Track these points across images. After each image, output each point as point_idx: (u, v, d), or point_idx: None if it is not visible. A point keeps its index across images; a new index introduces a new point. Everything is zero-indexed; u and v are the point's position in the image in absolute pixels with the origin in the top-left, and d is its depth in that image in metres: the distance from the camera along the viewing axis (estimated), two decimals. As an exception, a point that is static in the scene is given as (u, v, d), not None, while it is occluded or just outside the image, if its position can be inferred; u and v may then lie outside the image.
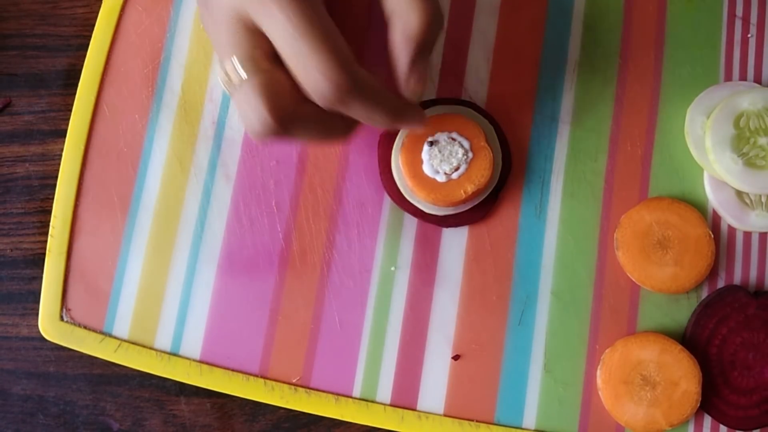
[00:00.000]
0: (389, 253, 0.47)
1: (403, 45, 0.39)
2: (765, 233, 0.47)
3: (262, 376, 0.46)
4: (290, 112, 0.37)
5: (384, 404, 0.45)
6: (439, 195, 0.45)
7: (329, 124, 0.39)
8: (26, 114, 0.50)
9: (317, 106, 0.37)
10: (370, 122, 0.39)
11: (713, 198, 0.47)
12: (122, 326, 0.46)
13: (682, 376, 0.44)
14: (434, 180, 0.45)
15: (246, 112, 0.37)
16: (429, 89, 0.48)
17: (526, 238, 0.47)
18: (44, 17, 0.50)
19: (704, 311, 0.46)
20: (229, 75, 0.37)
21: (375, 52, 0.43)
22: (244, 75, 0.37)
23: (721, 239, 0.47)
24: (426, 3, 0.38)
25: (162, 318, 0.46)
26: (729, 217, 0.47)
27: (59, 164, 0.47)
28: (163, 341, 0.46)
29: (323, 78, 0.36)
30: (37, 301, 0.47)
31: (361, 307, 0.46)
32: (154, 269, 0.47)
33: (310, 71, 0.36)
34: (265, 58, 0.37)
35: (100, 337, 0.46)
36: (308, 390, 0.46)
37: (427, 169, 0.45)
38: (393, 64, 0.39)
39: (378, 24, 0.40)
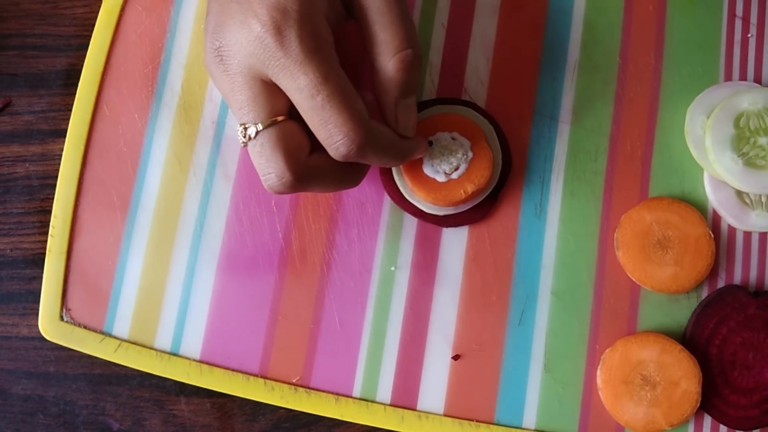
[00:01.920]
0: (389, 253, 0.47)
1: (384, 89, 0.40)
2: (765, 233, 0.47)
3: (262, 376, 0.46)
4: (307, 166, 0.39)
5: (384, 404, 0.45)
6: (439, 195, 0.45)
7: (341, 173, 0.41)
8: (26, 114, 0.50)
9: (330, 156, 0.39)
10: (382, 165, 0.41)
11: (713, 198, 0.47)
12: (122, 326, 0.46)
13: (682, 376, 0.44)
14: (434, 180, 0.45)
15: (264, 167, 0.38)
16: (429, 89, 0.48)
17: (526, 238, 0.47)
18: (44, 17, 0.50)
19: (704, 311, 0.46)
20: (247, 129, 0.38)
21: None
22: (260, 129, 0.38)
23: (721, 239, 0.47)
24: (403, 52, 0.39)
25: (162, 318, 0.46)
26: (729, 217, 0.47)
27: (59, 164, 0.47)
28: (163, 341, 0.46)
29: (343, 137, 0.37)
30: (37, 301, 0.47)
31: (361, 307, 0.46)
32: (154, 269, 0.47)
33: (331, 131, 0.37)
34: (281, 112, 0.39)
35: (100, 337, 0.46)
36: (308, 390, 0.46)
37: (427, 169, 0.45)
38: (380, 105, 0.41)
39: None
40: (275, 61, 0.37)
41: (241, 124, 0.39)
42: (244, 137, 0.38)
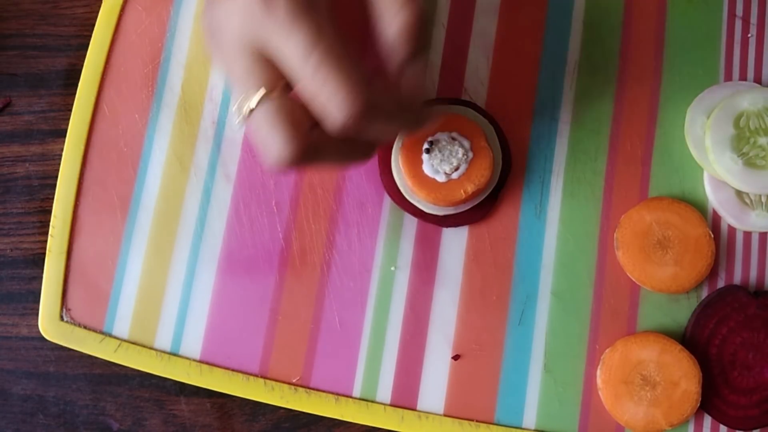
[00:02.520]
0: (389, 253, 0.47)
1: (389, 50, 0.38)
2: (765, 233, 0.47)
3: (262, 376, 0.46)
4: (311, 139, 0.36)
5: (384, 404, 0.45)
6: (439, 195, 0.45)
7: (349, 148, 0.38)
8: (26, 114, 0.50)
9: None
10: (386, 136, 0.38)
11: (713, 198, 0.47)
12: (122, 326, 0.46)
13: (682, 376, 0.44)
14: (434, 180, 0.45)
15: (265, 141, 0.36)
16: (429, 89, 0.48)
17: (526, 238, 0.47)
18: (44, 17, 0.50)
19: (704, 311, 0.46)
20: (244, 104, 0.36)
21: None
22: (258, 101, 0.36)
23: (721, 239, 0.47)
24: (407, 9, 0.37)
25: (162, 318, 0.46)
26: (729, 217, 0.47)
27: (59, 164, 0.47)
28: (163, 341, 0.46)
29: (341, 100, 0.34)
30: (37, 301, 0.47)
31: (361, 307, 0.46)
32: (154, 269, 0.47)
33: (329, 94, 0.34)
34: (278, 85, 0.36)
35: (100, 337, 0.46)
36: (308, 390, 0.46)
37: (427, 169, 0.45)
38: (389, 65, 0.39)
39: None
40: (264, 27, 0.35)
41: (236, 101, 0.36)
42: (242, 113, 0.36)
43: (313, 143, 0.36)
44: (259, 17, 0.35)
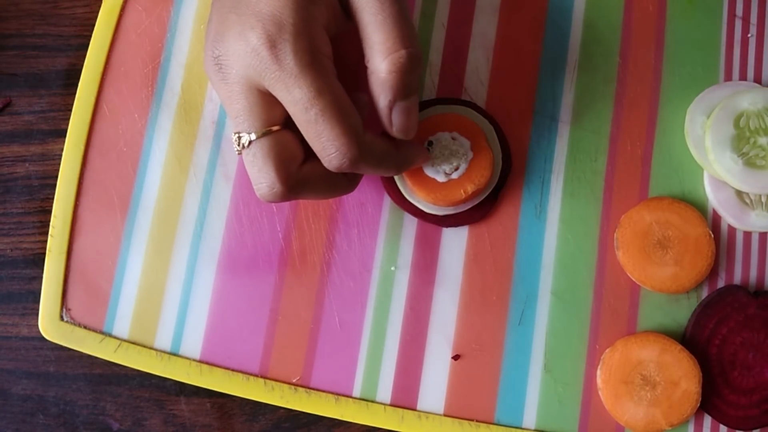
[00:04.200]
0: (389, 253, 0.47)
1: (376, 92, 0.39)
2: (765, 233, 0.47)
3: (262, 376, 0.46)
4: (298, 177, 0.39)
5: (384, 404, 0.45)
6: (439, 195, 0.45)
7: (334, 182, 0.41)
8: (26, 114, 0.50)
9: (323, 165, 0.39)
10: (380, 174, 0.42)
11: (713, 198, 0.47)
12: (122, 326, 0.46)
13: (682, 376, 0.44)
14: (434, 180, 0.45)
15: (256, 176, 0.39)
16: (429, 89, 0.48)
17: (526, 238, 0.47)
18: (44, 17, 0.50)
19: (704, 311, 0.46)
20: (241, 137, 0.38)
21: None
22: (254, 138, 0.38)
23: (721, 239, 0.47)
24: (396, 53, 0.38)
25: (162, 318, 0.46)
26: (729, 217, 0.47)
27: (59, 164, 0.47)
28: (163, 341, 0.46)
29: (336, 150, 0.38)
30: (37, 301, 0.47)
31: (361, 307, 0.46)
32: (154, 269, 0.47)
33: (324, 144, 0.38)
34: (276, 122, 0.39)
35: (100, 337, 0.46)
36: (308, 390, 0.46)
37: (427, 169, 0.45)
38: (376, 109, 0.40)
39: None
40: (270, 73, 0.37)
41: (235, 133, 0.39)
42: (239, 145, 0.39)
43: (301, 179, 0.39)
44: (267, 63, 0.37)
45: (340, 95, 0.38)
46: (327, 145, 0.38)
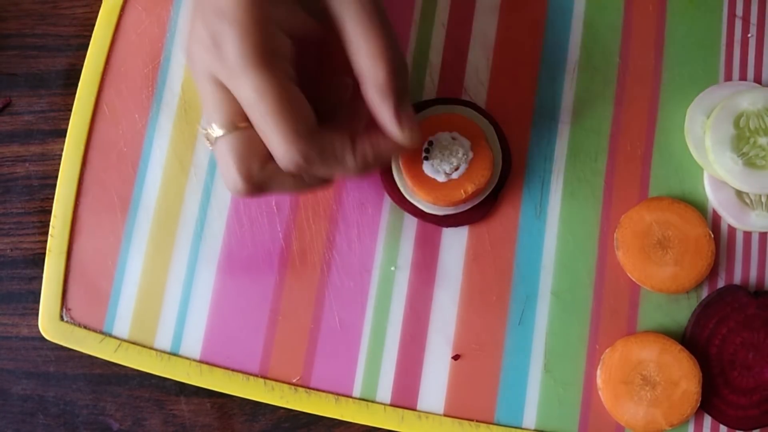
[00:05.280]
0: (389, 253, 0.47)
1: (379, 98, 0.39)
2: (765, 233, 0.47)
3: (262, 376, 0.46)
4: (260, 174, 0.38)
5: (384, 404, 0.45)
6: (439, 195, 0.45)
7: (302, 180, 0.40)
8: (26, 114, 0.50)
9: None
10: (342, 176, 0.40)
11: (713, 198, 0.47)
12: (122, 326, 0.46)
13: (682, 376, 0.44)
14: (434, 180, 0.45)
15: (222, 172, 0.39)
16: (429, 89, 0.48)
17: (526, 238, 0.47)
18: (44, 17, 0.50)
19: (704, 311, 0.46)
20: (209, 133, 0.38)
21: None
22: (220, 134, 0.38)
23: (721, 239, 0.47)
24: (385, 54, 0.38)
25: (162, 318, 0.46)
26: (729, 217, 0.47)
27: (59, 164, 0.47)
28: (163, 341, 0.46)
29: (284, 152, 0.37)
30: (37, 301, 0.47)
31: (361, 307, 0.46)
32: (154, 269, 0.47)
33: (272, 145, 0.37)
34: (241, 117, 0.38)
35: (100, 337, 0.46)
36: (308, 390, 0.46)
37: (427, 169, 0.45)
38: (379, 120, 0.40)
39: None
40: (219, 70, 0.37)
41: (203, 128, 0.39)
42: (208, 141, 0.39)
43: (267, 177, 0.39)
44: (214, 59, 0.37)
45: (288, 96, 0.37)
46: (274, 147, 0.37)
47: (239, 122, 0.38)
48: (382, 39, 0.38)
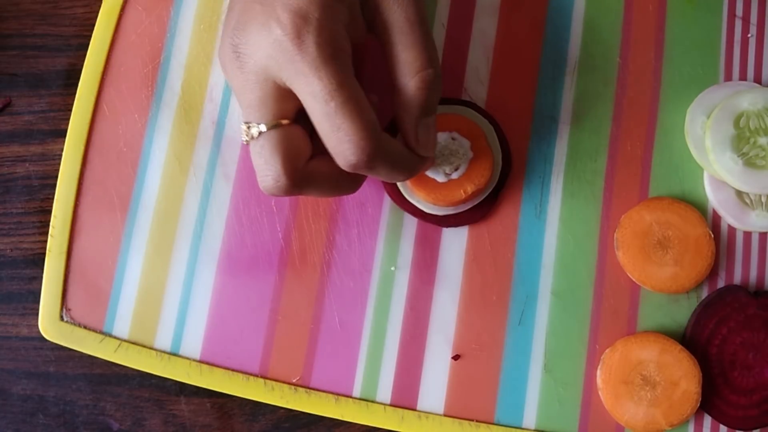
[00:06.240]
0: (389, 253, 0.47)
1: (404, 108, 0.40)
2: (765, 233, 0.47)
3: (262, 376, 0.46)
4: (304, 172, 0.39)
5: (384, 404, 0.45)
6: (439, 195, 0.45)
7: (338, 181, 0.41)
8: (26, 114, 0.50)
9: (331, 163, 0.39)
10: (388, 179, 0.41)
11: (713, 198, 0.47)
12: (122, 326, 0.46)
13: (682, 376, 0.44)
14: (434, 180, 0.45)
15: (262, 168, 0.38)
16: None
17: (526, 238, 0.47)
18: (44, 17, 0.50)
19: (704, 311, 0.46)
20: (250, 128, 0.38)
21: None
22: (264, 130, 0.38)
23: (721, 239, 0.47)
24: (424, 72, 0.39)
25: (162, 318, 0.46)
26: (729, 217, 0.47)
27: (59, 164, 0.47)
28: (163, 341, 0.46)
29: (353, 145, 0.37)
30: (37, 301, 0.47)
31: (361, 307, 0.46)
32: (154, 269, 0.47)
33: (342, 138, 0.37)
34: (287, 115, 0.39)
35: (100, 337, 0.46)
36: (308, 390, 0.46)
37: (427, 169, 0.45)
38: (400, 126, 0.41)
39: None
40: (292, 65, 0.37)
41: (245, 122, 0.39)
42: (247, 136, 0.38)
43: (307, 175, 0.39)
44: (289, 54, 0.37)
45: (359, 91, 0.38)
46: (344, 140, 0.37)
47: (283, 120, 0.38)
48: (423, 52, 0.39)
